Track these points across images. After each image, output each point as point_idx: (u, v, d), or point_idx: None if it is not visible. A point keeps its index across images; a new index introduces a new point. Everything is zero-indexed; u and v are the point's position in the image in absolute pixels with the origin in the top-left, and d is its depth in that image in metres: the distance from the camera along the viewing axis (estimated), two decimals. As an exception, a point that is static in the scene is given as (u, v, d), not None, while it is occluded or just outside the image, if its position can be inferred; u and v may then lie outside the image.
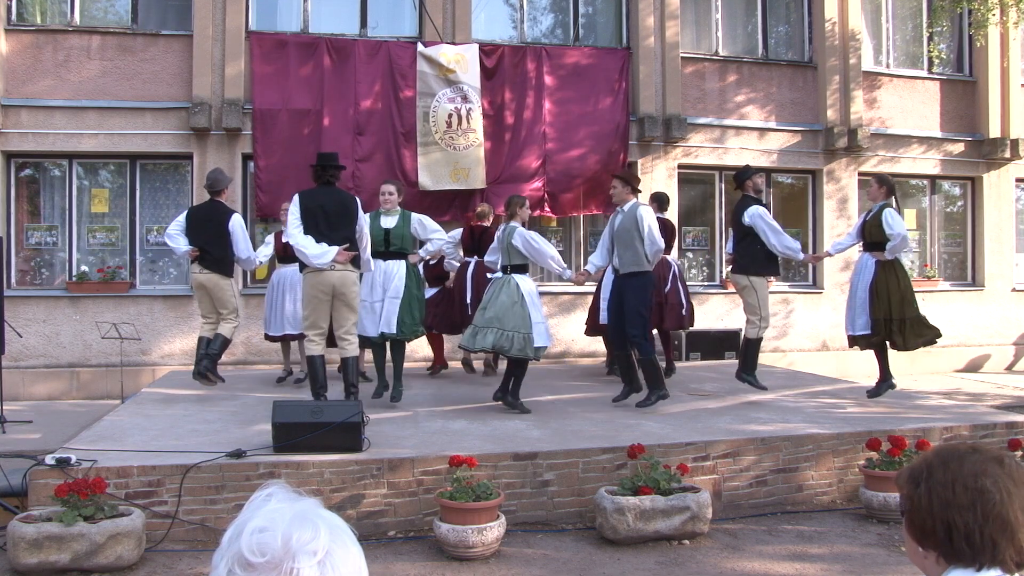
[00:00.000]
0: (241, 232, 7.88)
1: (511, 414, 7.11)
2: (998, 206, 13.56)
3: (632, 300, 7.27)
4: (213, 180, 7.98)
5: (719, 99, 12.48)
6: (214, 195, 7.95)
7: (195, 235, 7.81)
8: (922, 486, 1.55)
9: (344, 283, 6.66)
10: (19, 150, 10.77)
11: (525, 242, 7.21)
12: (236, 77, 10.92)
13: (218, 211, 7.87)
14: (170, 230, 7.96)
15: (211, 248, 7.76)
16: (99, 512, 4.74)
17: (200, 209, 8.06)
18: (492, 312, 7.04)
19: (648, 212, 7.33)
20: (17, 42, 10.77)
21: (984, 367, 13.25)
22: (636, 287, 7.28)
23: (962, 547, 1.49)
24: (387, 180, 8.19)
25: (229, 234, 7.79)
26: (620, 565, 4.90)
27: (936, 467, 1.55)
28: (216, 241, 7.77)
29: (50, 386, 10.57)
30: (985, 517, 1.48)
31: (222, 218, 7.83)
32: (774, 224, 7.90)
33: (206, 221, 7.83)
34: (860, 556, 5.09)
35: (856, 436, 6.36)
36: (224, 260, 7.86)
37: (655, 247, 7.19)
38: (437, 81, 11.24)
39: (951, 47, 13.80)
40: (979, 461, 1.53)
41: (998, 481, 1.50)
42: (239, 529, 1.12)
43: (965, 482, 1.51)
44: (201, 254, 7.78)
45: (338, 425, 5.52)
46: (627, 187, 7.40)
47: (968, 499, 1.49)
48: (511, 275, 7.24)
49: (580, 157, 11.69)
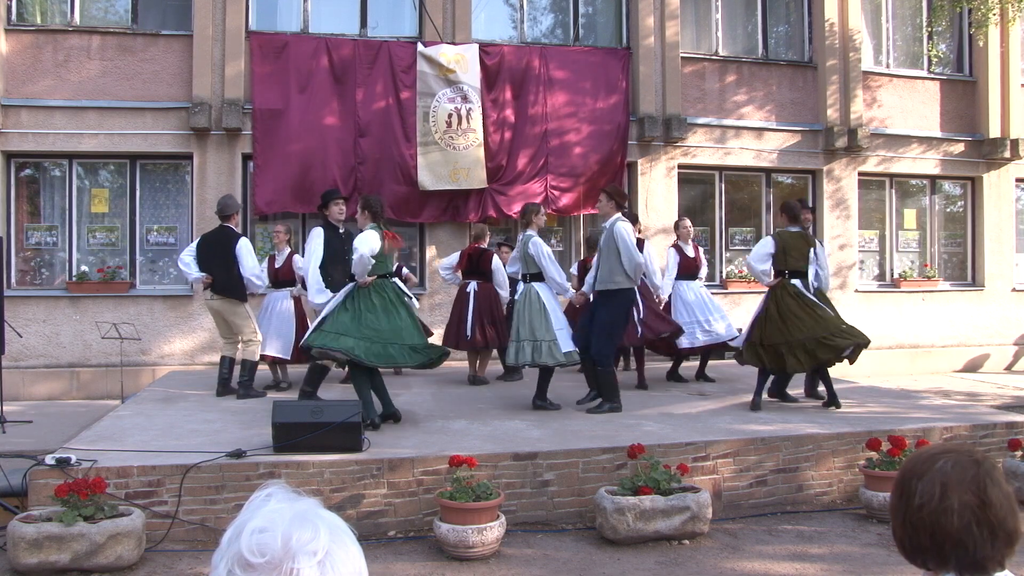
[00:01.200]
0: (247, 253, 8.05)
1: (511, 414, 7.13)
2: (998, 206, 13.56)
3: (603, 317, 7.25)
4: (223, 206, 8.16)
5: (719, 99, 12.48)
6: (224, 220, 8.12)
7: (205, 261, 7.99)
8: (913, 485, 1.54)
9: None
10: (19, 150, 10.77)
11: (536, 253, 7.37)
12: (236, 77, 10.92)
13: (227, 236, 8.04)
14: (183, 257, 8.18)
15: (221, 274, 7.93)
16: (99, 512, 4.74)
17: (210, 236, 8.22)
18: (526, 325, 7.30)
19: (625, 227, 7.24)
20: (17, 42, 10.77)
21: (984, 367, 13.25)
22: (610, 305, 7.24)
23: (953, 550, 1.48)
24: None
25: (237, 259, 7.92)
26: (620, 565, 4.90)
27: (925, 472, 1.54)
28: (226, 267, 7.93)
29: (50, 386, 10.57)
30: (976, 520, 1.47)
31: (229, 243, 7.98)
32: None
33: (215, 247, 8.01)
34: (860, 556, 5.09)
35: (856, 436, 6.36)
36: (234, 286, 8.01)
37: (633, 263, 7.12)
38: (437, 81, 11.23)
39: (951, 47, 13.80)
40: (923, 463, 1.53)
41: (927, 486, 1.51)
42: (239, 529, 1.12)
43: (899, 484, 1.54)
44: (213, 281, 7.93)
45: (338, 425, 5.52)
46: (611, 202, 7.38)
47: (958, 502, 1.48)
48: (531, 284, 7.43)
49: (580, 157, 11.69)
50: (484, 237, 9.30)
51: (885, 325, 12.75)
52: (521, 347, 7.31)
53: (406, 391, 8.38)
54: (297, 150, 10.90)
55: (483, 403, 7.69)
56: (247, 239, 8.26)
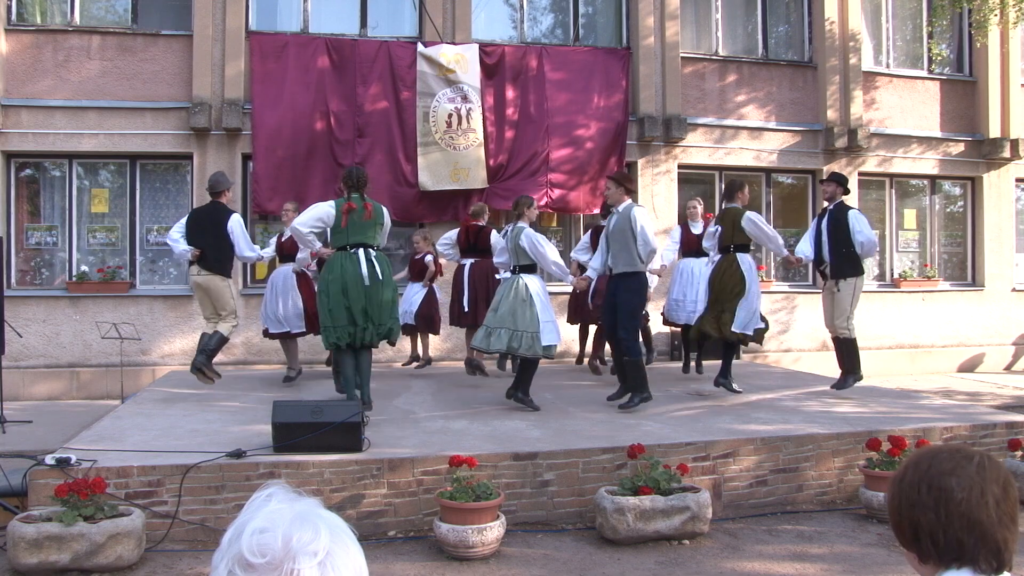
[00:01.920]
0: (240, 231, 7.95)
1: (511, 414, 7.11)
2: (998, 206, 13.56)
3: (625, 302, 7.31)
4: (214, 182, 8.08)
5: (719, 99, 12.48)
6: (215, 196, 8.03)
7: (195, 236, 7.90)
8: (895, 487, 1.57)
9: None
10: (19, 150, 10.77)
11: (531, 244, 7.28)
12: (236, 77, 10.92)
13: (218, 212, 7.96)
14: (171, 233, 8.07)
15: (210, 249, 7.85)
16: (99, 512, 4.73)
17: (201, 211, 8.16)
18: (503, 312, 7.14)
19: (642, 213, 7.32)
20: (17, 42, 10.77)
21: (984, 367, 13.25)
22: (630, 288, 7.31)
23: (928, 547, 1.50)
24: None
25: (228, 235, 7.86)
26: (620, 565, 4.90)
27: (909, 468, 1.57)
28: (215, 242, 7.85)
29: (50, 386, 10.57)
30: (948, 517, 1.48)
31: (221, 219, 7.90)
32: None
33: (206, 222, 7.91)
34: (860, 556, 5.09)
35: (856, 436, 6.36)
36: (223, 261, 7.94)
37: (648, 247, 7.20)
38: (437, 81, 11.23)
39: (951, 47, 13.80)
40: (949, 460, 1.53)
41: (964, 480, 1.50)
42: (239, 530, 1.12)
43: (930, 482, 1.51)
44: (201, 255, 7.85)
45: (338, 425, 5.52)
46: (620, 188, 7.43)
47: (931, 499, 1.50)
48: (519, 275, 7.31)
49: (580, 157, 11.69)
50: (483, 215, 9.26)
51: (885, 325, 12.76)
52: (496, 333, 7.09)
53: (406, 391, 8.39)
54: (297, 150, 10.90)
55: (483, 403, 7.69)
56: (239, 215, 8.14)
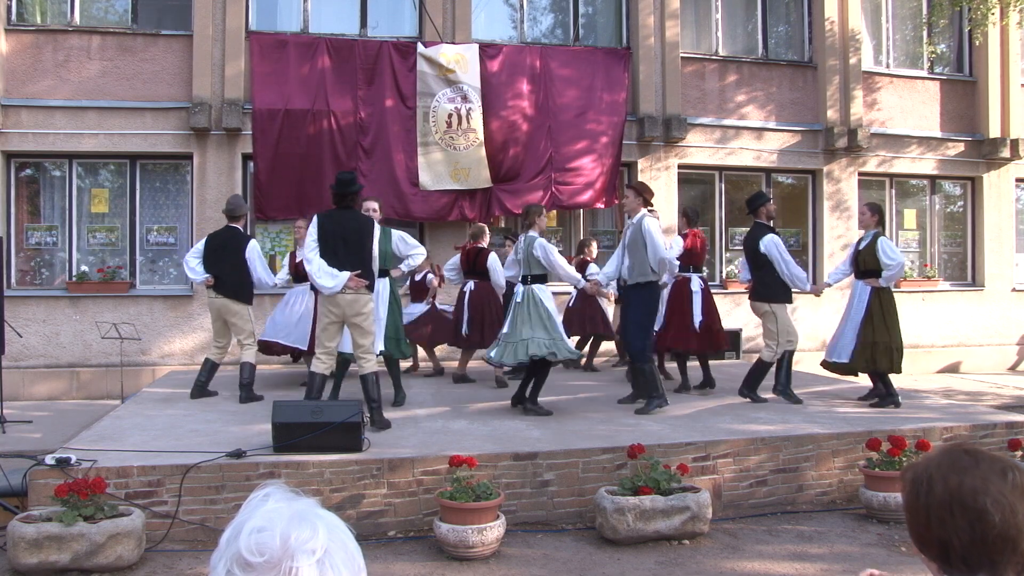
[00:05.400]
0: (258, 258, 7.94)
1: (511, 414, 7.12)
2: (998, 206, 13.55)
3: (635, 312, 7.35)
4: (233, 207, 8.01)
5: (719, 99, 12.48)
6: (232, 221, 7.99)
7: (212, 262, 7.87)
8: (921, 499, 1.48)
9: (354, 307, 6.42)
10: (19, 150, 10.77)
11: (544, 254, 7.27)
12: (236, 77, 10.92)
13: (235, 238, 7.92)
14: (188, 259, 8.03)
15: (228, 276, 7.81)
16: (99, 512, 4.74)
17: (217, 236, 8.05)
18: (531, 325, 7.06)
19: (653, 223, 7.34)
20: (17, 42, 10.77)
21: (984, 367, 13.24)
22: (640, 299, 7.34)
23: (959, 564, 1.44)
24: (369, 197, 7.92)
25: (246, 261, 7.84)
26: (620, 565, 4.90)
27: (936, 481, 1.47)
28: (233, 270, 7.82)
29: (50, 386, 10.57)
30: (983, 538, 1.41)
31: (239, 245, 7.88)
32: (787, 254, 7.95)
33: (223, 248, 7.87)
34: (860, 556, 5.08)
35: (856, 436, 6.36)
36: (241, 287, 7.89)
37: (658, 257, 7.21)
38: (437, 81, 11.23)
39: (951, 47, 13.80)
40: (981, 476, 1.44)
41: (999, 500, 1.41)
42: (237, 529, 1.11)
43: (963, 501, 1.42)
44: (217, 282, 7.82)
45: (338, 425, 5.52)
46: (639, 198, 7.46)
47: (965, 522, 1.41)
48: (531, 286, 7.25)
49: (580, 157, 11.68)
50: (482, 236, 9.27)
51: (885, 325, 12.73)
52: (515, 347, 7.03)
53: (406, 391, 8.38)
54: (297, 150, 10.89)
55: (483, 403, 7.69)
56: (256, 242, 8.13)
